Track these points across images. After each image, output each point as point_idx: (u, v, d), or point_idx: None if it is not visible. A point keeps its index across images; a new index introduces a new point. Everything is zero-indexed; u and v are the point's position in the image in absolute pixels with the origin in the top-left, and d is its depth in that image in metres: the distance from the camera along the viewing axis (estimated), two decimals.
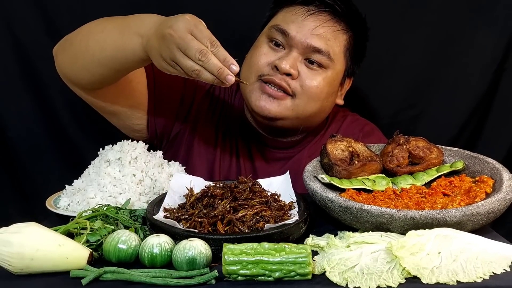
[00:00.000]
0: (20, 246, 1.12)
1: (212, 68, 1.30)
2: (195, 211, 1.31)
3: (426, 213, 1.20)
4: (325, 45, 1.69)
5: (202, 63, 1.30)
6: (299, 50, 1.70)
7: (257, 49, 1.76)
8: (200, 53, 1.29)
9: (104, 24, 1.58)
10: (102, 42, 1.53)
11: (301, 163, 1.64)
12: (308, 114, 1.75)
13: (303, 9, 1.72)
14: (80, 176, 1.61)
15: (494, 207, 1.24)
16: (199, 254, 1.14)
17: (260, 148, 1.87)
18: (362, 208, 1.24)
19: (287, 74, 1.68)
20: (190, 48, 1.29)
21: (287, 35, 1.70)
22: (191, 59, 1.30)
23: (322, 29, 1.70)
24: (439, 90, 2.26)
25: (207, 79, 1.32)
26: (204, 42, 1.30)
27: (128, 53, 1.49)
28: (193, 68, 1.31)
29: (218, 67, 1.30)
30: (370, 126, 1.98)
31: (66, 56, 1.63)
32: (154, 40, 1.37)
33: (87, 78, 1.62)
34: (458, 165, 1.51)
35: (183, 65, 1.32)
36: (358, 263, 1.12)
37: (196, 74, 1.32)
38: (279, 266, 1.09)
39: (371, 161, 1.51)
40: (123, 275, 1.12)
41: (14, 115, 2.17)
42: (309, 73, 1.70)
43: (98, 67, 1.56)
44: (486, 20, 2.17)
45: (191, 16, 1.35)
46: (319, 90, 1.71)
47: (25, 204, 2.25)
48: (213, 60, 1.30)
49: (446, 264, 1.10)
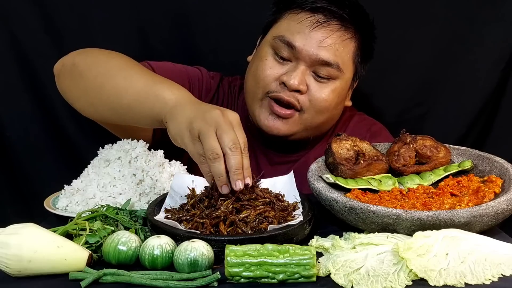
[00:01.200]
0: (18, 247, 1.11)
1: (216, 171, 1.23)
2: (197, 212, 1.29)
3: (434, 214, 1.18)
4: (334, 56, 1.67)
5: (209, 164, 1.23)
6: (307, 63, 1.67)
7: (262, 61, 1.72)
8: (212, 154, 1.22)
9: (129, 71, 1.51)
10: (122, 89, 1.46)
11: (307, 165, 1.63)
12: (316, 125, 1.75)
13: (310, 19, 1.67)
14: (79, 176, 1.60)
15: (503, 207, 1.23)
16: (201, 255, 1.13)
17: (265, 151, 1.86)
18: (368, 208, 1.23)
19: (295, 90, 1.66)
20: (205, 144, 1.22)
21: (294, 48, 1.66)
22: (199, 154, 1.25)
23: (331, 40, 1.67)
24: (446, 88, 2.25)
25: (204, 173, 1.28)
26: (225, 145, 1.22)
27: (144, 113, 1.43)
28: (199, 160, 1.26)
29: (220, 175, 1.23)
30: (378, 126, 1.96)
31: (73, 85, 1.58)
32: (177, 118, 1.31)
33: (93, 114, 1.59)
34: (466, 165, 1.50)
35: (190, 153, 1.27)
36: (364, 265, 1.11)
37: (200, 166, 1.27)
38: (283, 268, 1.09)
39: (377, 161, 1.50)
40: (123, 277, 1.11)
41: (12, 114, 2.17)
42: (317, 87, 1.68)
43: (107, 111, 1.52)
44: (494, 17, 2.16)
45: (232, 114, 1.28)
46: (328, 103, 1.70)
47: (23, 204, 2.24)
48: (219, 166, 1.22)
49: (454, 266, 1.09)
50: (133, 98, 1.44)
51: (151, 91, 1.41)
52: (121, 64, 1.54)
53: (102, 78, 1.50)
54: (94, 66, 1.54)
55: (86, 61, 1.57)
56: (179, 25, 2.15)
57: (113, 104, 1.49)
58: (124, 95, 1.46)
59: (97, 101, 1.52)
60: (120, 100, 1.47)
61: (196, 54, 2.17)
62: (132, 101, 1.45)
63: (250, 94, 1.74)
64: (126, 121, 1.55)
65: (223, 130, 1.23)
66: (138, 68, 1.54)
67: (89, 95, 1.53)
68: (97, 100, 1.52)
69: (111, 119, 1.59)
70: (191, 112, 1.29)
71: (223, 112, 1.26)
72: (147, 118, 1.44)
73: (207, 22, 2.15)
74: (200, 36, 2.17)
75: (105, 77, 1.50)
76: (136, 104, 1.44)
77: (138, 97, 1.43)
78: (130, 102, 1.45)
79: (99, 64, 1.55)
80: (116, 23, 2.12)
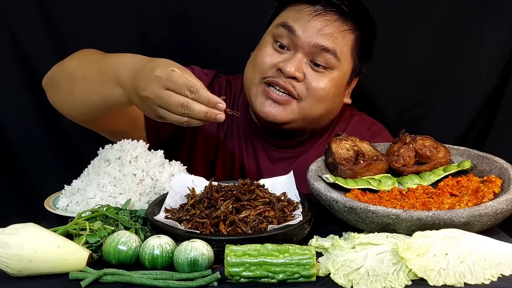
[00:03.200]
0: (18, 247, 1.11)
1: (199, 115, 1.29)
2: (197, 212, 1.30)
3: (433, 214, 1.18)
4: (333, 43, 1.68)
5: (188, 114, 1.29)
6: (305, 51, 1.68)
7: (262, 49, 1.74)
8: (182, 106, 1.27)
9: (83, 69, 1.56)
10: (86, 90, 1.53)
11: (307, 163, 1.63)
12: (315, 116, 1.74)
13: (309, 9, 1.70)
14: (80, 176, 1.60)
15: (502, 207, 1.23)
16: (201, 255, 1.13)
17: (265, 147, 1.86)
18: (368, 208, 1.23)
19: (292, 77, 1.66)
20: (170, 105, 1.28)
21: (293, 32, 1.68)
22: (176, 114, 1.30)
23: (329, 29, 1.68)
24: (445, 88, 2.25)
25: (198, 124, 1.32)
26: (183, 91, 1.28)
27: (113, 102, 1.49)
28: (181, 121, 1.31)
29: (204, 112, 1.29)
30: (378, 126, 1.96)
31: (54, 94, 1.66)
32: (135, 98, 1.37)
33: (78, 117, 1.67)
34: (465, 165, 1.50)
35: (170, 120, 1.32)
36: (364, 264, 1.11)
37: (186, 124, 1.32)
38: (283, 268, 1.09)
39: (377, 161, 1.50)
40: (123, 277, 1.11)
41: (13, 114, 2.17)
42: (315, 75, 1.69)
43: (87, 111, 1.59)
44: (493, 17, 2.16)
45: (161, 68, 1.31)
46: (325, 92, 1.70)
47: (23, 204, 2.25)
48: (197, 107, 1.28)
49: (454, 265, 1.09)
50: (98, 96, 1.51)
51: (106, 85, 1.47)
52: (78, 64, 1.60)
53: (70, 83, 1.57)
54: (63, 73, 1.62)
55: (59, 70, 1.64)
56: (179, 25, 2.15)
57: (88, 105, 1.56)
58: (89, 95, 1.53)
59: (74, 105, 1.60)
60: (90, 100, 1.54)
61: (196, 54, 2.17)
62: (99, 98, 1.51)
63: (247, 81, 1.76)
64: (106, 112, 1.61)
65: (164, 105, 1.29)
66: (88, 60, 1.60)
67: (67, 101, 1.62)
68: (74, 104, 1.60)
69: (95, 116, 1.64)
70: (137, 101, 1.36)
71: (147, 89, 1.30)
72: (118, 106, 1.54)
73: (207, 22, 2.15)
74: (200, 35, 2.17)
75: (71, 81, 1.57)
76: (104, 100, 1.51)
77: (100, 93, 1.50)
78: (98, 100, 1.52)
79: (65, 70, 1.62)
80: (116, 23, 2.12)
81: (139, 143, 1.58)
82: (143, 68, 1.35)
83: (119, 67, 1.44)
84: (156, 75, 1.30)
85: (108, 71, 1.47)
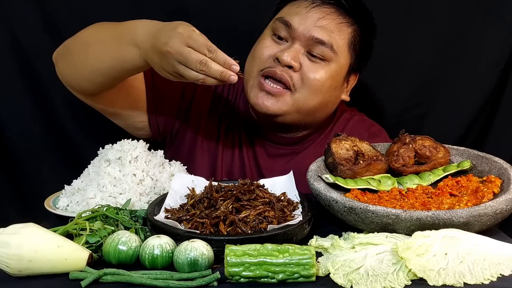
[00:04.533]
0: (18, 247, 1.11)
1: (215, 73, 1.39)
2: (197, 212, 1.30)
3: (433, 214, 1.18)
4: (328, 36, 1.69)
5: (205, 72, 1.39)
6: (302, 42, 1.69)
7: (261, 42, 1.76)
8: (200, 63, 1.38)
9: (99, 34, 1.64)
10: (100, 53, 1.59)
11: (305, 161, 1.63)
12: (309, 108, 1.73)
13: (308, 2, 1.72)
14: (80, 176, 1.61)
15: (502, 207, 1.23)
16: (201, 255, 1.13)
17: (263, 143, 1.86)
18: (367, 208, 1.23)
19: (288, 66, 1.67)
20: (190, 61, 1.38)
21: (290, 26, 1.70)
22: (193, 70, 1.39)
23: (325, 21, 1.70)
24: (445, 89, 2.25)
25: (213, 83, 1.42)
26: (202, 50, 1.38)
27: (128, 64, 1.57)
28: (197, 78, 1.40)
29: (220, 71, 1.40)
30: (377, 127, 1.96)
31: (65, 64, 1.69)
32: (153, 54, 1.45)
33: (87, 86, 1.68)
34: (465, 165, 1.50)
35: (187, 76, 1.41)
36: (363, 264, 1.11)
37: (201, 82, 1.41)
38: (283, 267, 1.09)
39: (377, 161, 1.50)
40: (124, 277, 1.11)
41: (13, 114, 2.17)
42: (311, 66, 1.70)
43: (98, 77, 1.63)
44: (493, 18, 2.15)
45: (183, 27, 1.41)
46: (321, 83, 1.70)
47: (23, 204, 2.24)
48: (214, 67, 1.39)
49: (453, 265, 1.09)
50: (112, 58, 1.58)
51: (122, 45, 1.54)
52: (93, 30, 1.67)
53: (84, 49, 1.63)
54: (77, 41, 1.67)
55: (72, 40, 1.69)
56: None
57: (101, 69, 1.60)
58: (104, 58, 1.59)
59: (87, 71, 1.63)
60: (104, 63, 1.59)
61: None
62: (113, 60, 1.58)
63: (246, 73, 1.76)
64: (121, 78, 1.66)
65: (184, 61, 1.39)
66: (105, 27, 1.66)
67: (79, 67, 1.64)
68: (87, 71, 1.63)
69: (109, 83, 1.67)
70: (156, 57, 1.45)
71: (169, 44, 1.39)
72: (136, 69, 1.61)
73: (207, 22, 2.15)
74: None
75: (85, 47, 1.63)
76: (118, 62, 1.58)
77: (115, 55, 1.57)
78: (112, 62, 1.58)
79: (80, 37, 1.67)
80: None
81: (139, 143, 1.58)
82: (164, 27, 1.45)
83: (137, 29, 1.52)
84: (178, 32, 1.39)
85: (124, 33, 1.55)
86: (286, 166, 1.77)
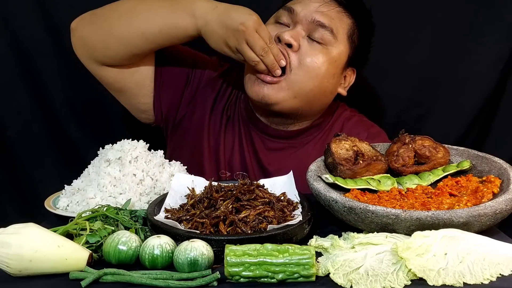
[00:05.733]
0: (19, 247, 1.11)
1: (269, 62, 1.63)
2: (197, 212, 1.30)
3: (432, 214, 1.18)
4: (329, 21, 1.73)
5: (263, 58, 1.62)
6: (303, 26, 1.73)
7: None
8: (263, 50, 1.60)
9: (148, 3, 1.73)
10: (150, 18, 1.69)
11: (305, 158, 1.64)
12: (306, 92, 1.73)
13: None
14: (80, 176, 1.61)
15: (501, 207, 1.22)
16: (201, 255, 1.13)
17: (261, 137, 1.87)
18: (367, 208, 1.23)
19: (288, 45, 1.70)
20: (256, 46, 1.59)
21: (293, 11, 1.75)
22: (255, 53, 1.60)
23: (326, 8, 1.74)
24: (445, 89, 2.25)
25: (261, 69, 1.65)
26: (266, 40, 1.61)
27: (178, 30, 1.68)
28: (254, 60, 1.62)
29: (273, 62, 1.64)
30: (377, 128, 1.96)
31: (95, 29, 1.73)
32: (217, 27, 1.61)
33: (112, 53, 1.74)
34: (464, 165, 1.50)
35: (246, 55, 1.61)
36: (363, 264, 1.11)
37: (254, 64, 1.63)
38: (282, 267, 1.09)
39: (376, 161, 1.50)
40: (124, 276, 1.11)
41: (13, 114, 2.17)
42: (309, 48, 1.72)
43: (139, 41, 1.71)
44: (493, 17, 2.15)
45: (256, 15, 1.60)
46: (317, 66, 1.71)
47: (23, 204, 2.25)
48: (271, 57, 1.63)
49: (453, 265, 1.09)
50: (163, 24, 1.69)
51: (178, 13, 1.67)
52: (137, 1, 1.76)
53: (127, 14, 1.72)
54: (115, 9, 1.75)
55: (106, 9, 1.76)
56: None
57: (146, 33, 1.70)
58: (153, 23, 1.69)
59: (126, 35, 1.70)
60: (150, 28, 1.69)
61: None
62: (164, 26, 1.69)
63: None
64: (159, 44, 1.75)
65: (251, 42, 1.59)
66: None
67: (117, 32, 1.71)
68: (126, 34, 1.70)
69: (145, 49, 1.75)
70: (221, 30, 1.61)
71: (245, 25, 1.57)
72: (183, 38, 1.72)
73: None
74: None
75: (129, 13, 1.72)
76: (169, 29, 1.69)
77: (167, 21, 1.68)
78: (161, 27, 1.69)
79: (119, 7, 1.75)
80: None
81: (139, 143, 1.58)
82: (234, 7, 1.62)
83: (196, 1, 1.66)
84: (253, 17, 1.59)
85: (182, 2, 1.68)
86: (285, 161, 1.79)
